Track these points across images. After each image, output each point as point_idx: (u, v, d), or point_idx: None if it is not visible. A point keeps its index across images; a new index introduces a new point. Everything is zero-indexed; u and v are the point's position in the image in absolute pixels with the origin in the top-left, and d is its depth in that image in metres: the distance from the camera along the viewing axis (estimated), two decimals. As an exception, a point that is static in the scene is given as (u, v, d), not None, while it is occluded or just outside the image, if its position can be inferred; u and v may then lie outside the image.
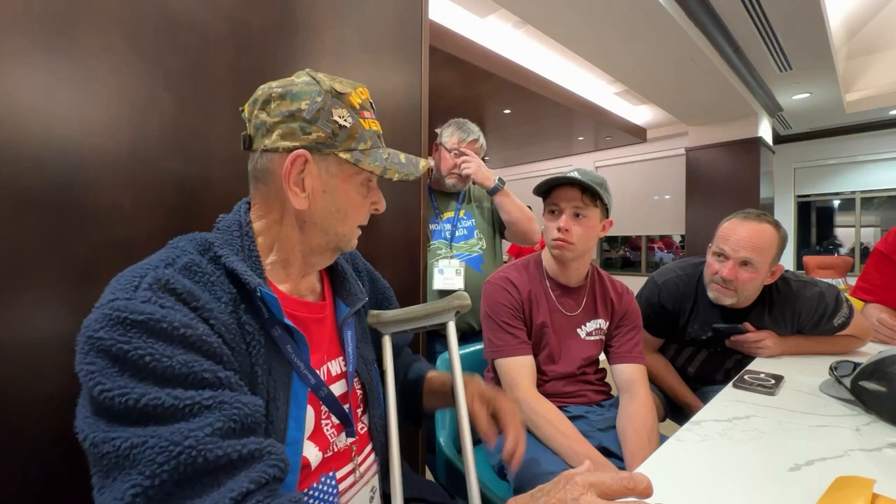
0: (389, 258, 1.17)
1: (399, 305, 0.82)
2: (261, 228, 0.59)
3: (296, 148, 0.55)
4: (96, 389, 0.40)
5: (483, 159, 1.67)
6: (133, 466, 0.39)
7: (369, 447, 0.68)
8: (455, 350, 0.74)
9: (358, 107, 0.58)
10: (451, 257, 1.58)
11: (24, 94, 0.63)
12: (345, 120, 0.56)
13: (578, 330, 1.11)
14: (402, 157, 0.62)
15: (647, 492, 0.39)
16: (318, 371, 0.61)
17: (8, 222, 0.61)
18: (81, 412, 0.42)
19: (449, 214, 1.65)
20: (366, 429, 0.68)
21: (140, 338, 0.42)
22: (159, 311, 0.43)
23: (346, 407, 0.63)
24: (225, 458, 0.41)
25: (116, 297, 0.44)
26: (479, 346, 1.27)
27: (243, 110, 0.60)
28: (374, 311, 0.75)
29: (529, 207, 1.77)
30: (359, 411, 0.68)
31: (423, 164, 0.64)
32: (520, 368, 1.02)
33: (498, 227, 1.72)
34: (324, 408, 0.60)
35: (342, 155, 0.57)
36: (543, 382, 1.08)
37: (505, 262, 1.35)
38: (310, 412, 0.58)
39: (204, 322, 0.47)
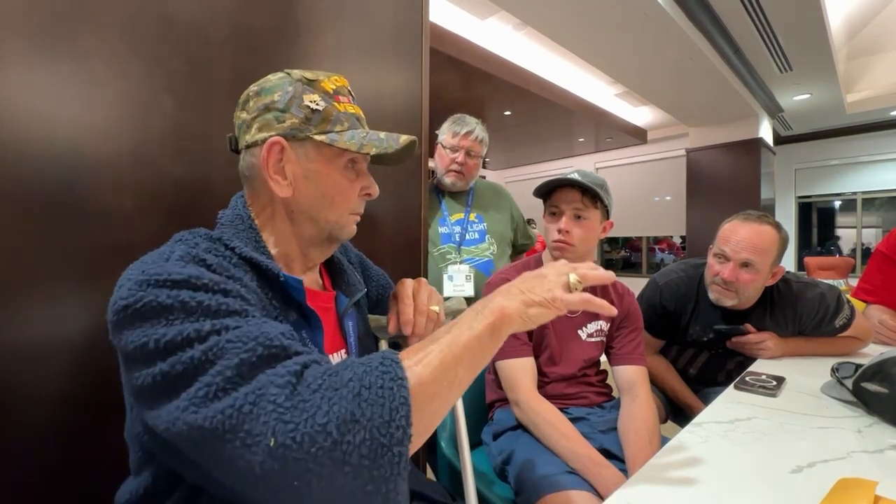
0: (389, 259, 1.17)
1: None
2: (260, 225, 0.60)
3: (271, 136, 0.56)
4: (151, 344, 0.40)
5: (484, 159, 1.65)
6: (215, 361, 0.39)
7: None
8: None
9: (331, 92, 0.59)
10: (460, 262, 1.54)
11: (26, 97, 0.63)
12: (316, 104, 0.57)
13: (579, 331, 1.11)
14: (382, 134, 0.61)
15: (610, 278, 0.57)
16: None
17: (10, 224, 0.61)
18: (125, 374, 0.44)
19: (458, 216, 1.60)
20: None
21: (184, 292, 0.42)
22: (196, 271, 0.45)
23: None
24: (290, 346, 0.43)
25: (147, 269, 0.44)
26: (479, 348, 1.26)
27: (234, 119, 0.61)
28: (374, 317, 0.75)
29: (531, 223, 1.75)
30: None
31: (405, 138, 0.62)
32: (520, 370, 1.02)
33: (513, 241, 1.69)
34: None
35: (318, 137, 0.57)
36: (544, 384, 1.07)
37: None
38: None
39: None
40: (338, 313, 0.68)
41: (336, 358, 0.65)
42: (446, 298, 0.75)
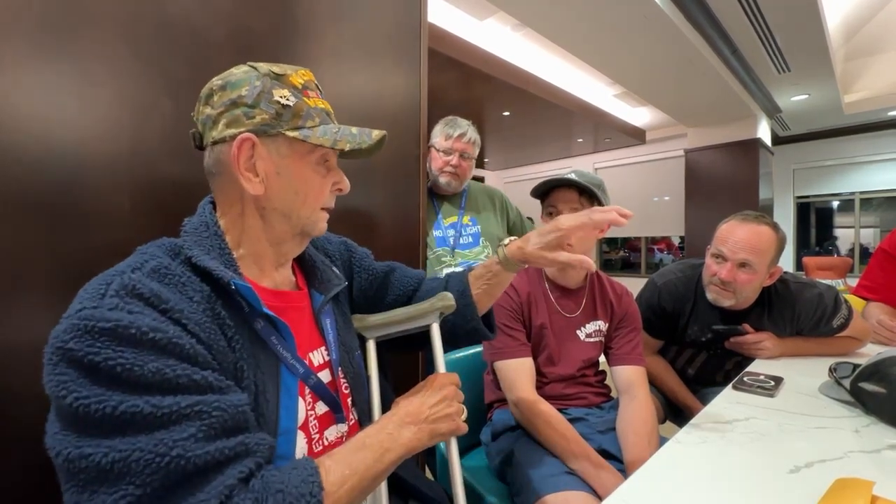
0: (389, 260, 1.17)
1: (382, 266, 0.83)
2: (227, 225, 0.59)
3: (241, 133, 0.55)
4: (70, 398, 0.39)
5: (483, 160, 1.67)
6: (119, 479, 0.38)
7: None
8: (440, 352, 0.74)
9: (300, 86, 0.58)
10: (456, 265, 1.56)
11: (25, 98, 0.63)
12: (287, 99, 0.56)
13: (578, 332, 1.11)
14: (354, 129, 0.61)
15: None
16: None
17: (8, 225, 0.61)
18: (52, 426, 0.42)
19: (452, 219, 1.62)
20: (355, 420, 0.68)
21: (109, 346, 0.41)
22: (127, 317, 0.43)
23: (334, 395, 0.64)
24: (213, 461, 0.42)
25: (84, 307, 0.43)
26: (478, 349, 1.27)
27: (193, 114, 0.60)
28: (358, 316, 0.75)
29: (530, 218, 1.76)
30: (349, 401, 0.68)
31: (377, 133, 0.62)
32: (519, 370, 1.02)
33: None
34: (309, 399, 0.61)
35: (290, 133, 0.56)
36: (543, 384, 1.07)
37: None
38: (300, 403, 0.59)
39: (175, 323, 0.46)
40: (313, 311, 0.67)
41: (317, 356, 0.65)
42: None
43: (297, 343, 0.61)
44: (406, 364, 1.25)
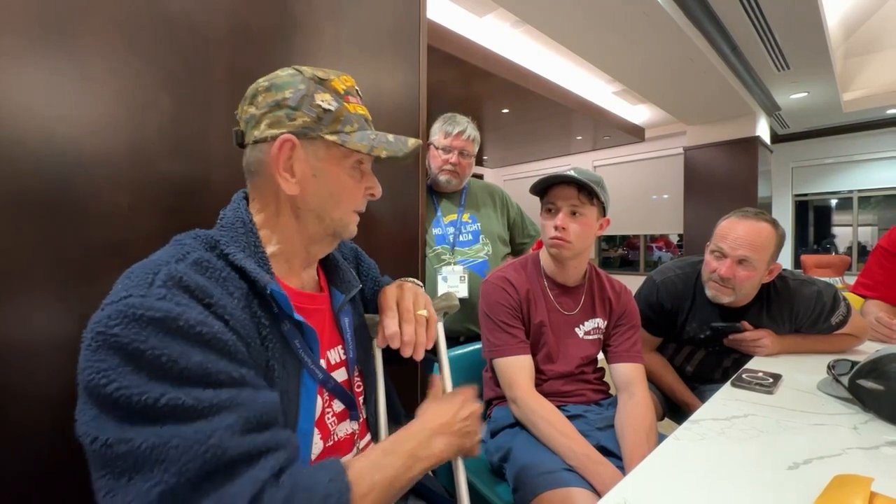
0: (388, 259, 1.16)
1: (387, 281, 0.83)
2: (261, 223, 0.60)
3: (282, 134, 0.55)
4: (112, 386, 0.39)
5: (482, 157, 1.66)
6: (156, 465, 0.38)
7: (369, 436, 0.70)
8: (444, 351, 0.74)
9: (342, 92, 0.59)
10: (455, 263, 1.55)
11: (23, 95, 0.62)
12: (328, 104, 0.57)
13: (577, 329, 1.11)
14: (391, 137, 0.62)
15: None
16: (321, 361, 0.62)
17: (6, 223, 0.61)
18: (85, 414, 0.41)
19: (452, 217, 1.61)
20: (363, 417, 0.69)
21: (156, 336, 0.41)
22: (175, 308, 0.43)
23: (350, 393, 0.65)
24: (246, 453, 0.42)
25: (130, 294, 0.43)
26: (477, 346, 1.27)
27: (237, 112, 0.61)
28: (370, 315, 0.75)
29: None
30: (361, 399, 0.69)
31: (413, 141, 0.63)
32: (518, 368, 1.02)
33: (507, 239, 1.70)
34: (326, 396, 0.61)
35: (329, 137, 0.57)
36: (542, 382, 1.08)
37: None
38: (318, 401, 0.60)
39: (218, 318, 0.47)
40: (333, 311, 0.68)
41: (334, 354, 0.66)
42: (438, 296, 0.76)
43: (320, 343, 0.61)
44: (406, 363, 1.25)
